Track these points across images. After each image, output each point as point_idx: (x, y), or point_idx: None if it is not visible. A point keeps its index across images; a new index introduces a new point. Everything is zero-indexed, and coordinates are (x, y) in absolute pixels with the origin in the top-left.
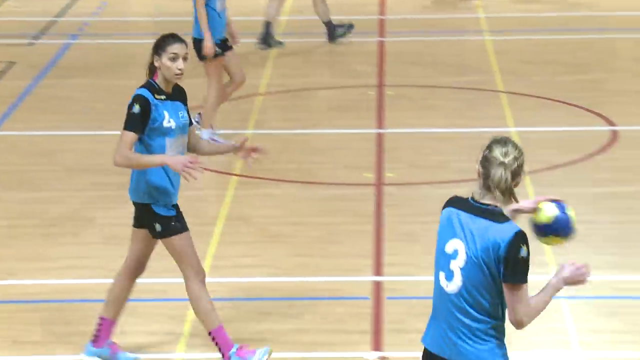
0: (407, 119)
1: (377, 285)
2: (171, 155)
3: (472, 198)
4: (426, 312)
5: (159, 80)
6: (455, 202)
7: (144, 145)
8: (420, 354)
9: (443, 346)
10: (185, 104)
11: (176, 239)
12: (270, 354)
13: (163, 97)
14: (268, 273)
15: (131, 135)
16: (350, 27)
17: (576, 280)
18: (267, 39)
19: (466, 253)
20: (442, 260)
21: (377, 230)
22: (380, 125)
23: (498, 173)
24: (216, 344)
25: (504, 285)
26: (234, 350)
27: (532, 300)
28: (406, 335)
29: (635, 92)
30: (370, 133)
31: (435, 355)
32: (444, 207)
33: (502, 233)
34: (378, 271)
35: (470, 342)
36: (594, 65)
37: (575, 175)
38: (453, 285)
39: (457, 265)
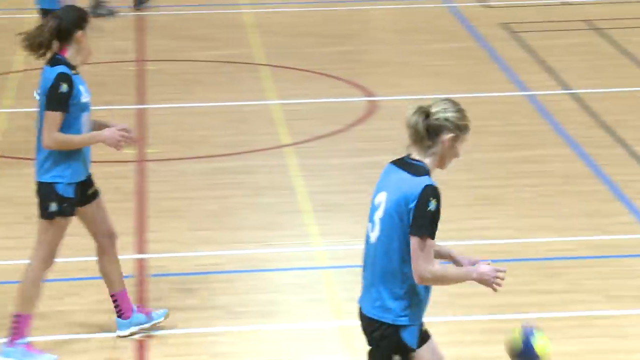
0: (168, 94)
1: (140, 263)
2: (90, 132)
3: (407, 154)
4: (191, 289)
5: (69, 55)
6: (395, 160)
7: (64, 123)
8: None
9: (363, 296)
10: None
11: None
12: None
13: (75, 72)
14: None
15: (60, 116)
16: (111, 12)
17: (486, 282)
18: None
19: (385, 204)
20: (371, 212)
21: (139, 207)
22: (141, 101)
23: (413, 118)
24: (15, 327)
25: (410, 237)
26: (23, 341)
27: (441, 266)
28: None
29: (394, 63)
30: (131, 109)
31: (359, 305)
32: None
33: (414, 186)
34: (141, 249)
35: (384, 290)
36: (353, 37)
37: (337, 146)
38: (374, 236)
39: (378, 216)
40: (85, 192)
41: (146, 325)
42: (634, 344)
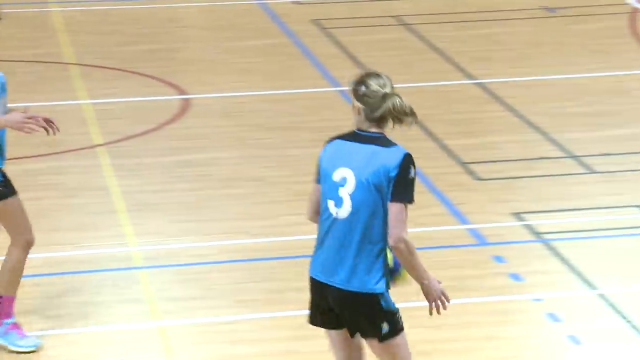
0: None
1: None
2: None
3: (358, 129)
4: None
5: None
6: (339, 136)
7: None
8: None
9: (334, 272)
10: None
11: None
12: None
13: None
14: None
15: None
16: None
17: (431, 297)
18: None
19: (355, 179)
20: (330, 189)
21: None
22: None
23: (391, 103)
24: None
25: (389, 204)
26: (9, 321)
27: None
28: None
29: (206, 61)
30: None
31: (324, 283)
32: (327, 143)
33: (391, 156)
34: None
35: (360, 262)
36: (164, 35)
37: (150, 145)
38: (343, 211)
39: (346, 191)
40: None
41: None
42: (449, 333)
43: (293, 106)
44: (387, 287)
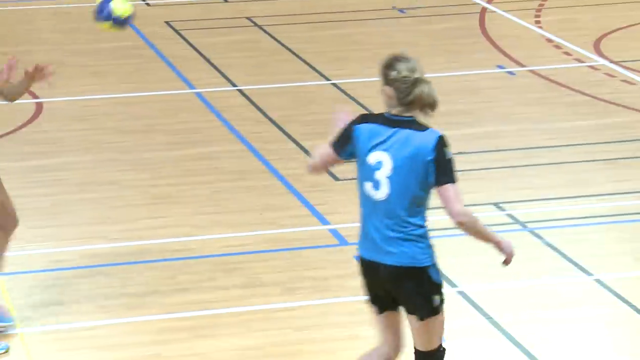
0: None
1: None
2: None
3: (389, 113)
4: None
5: None
6: (369, 118)
7: None
8: None
9: (377, 251)
10: None
11: None
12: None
13: None
14: None
15: None
16: None
17: (509, 252)
18: None
19: (392, 162)
20: (366, 172)
21: None
22: None
23: (419, 89)
24: None
25: (437, 188)
26: None
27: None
28: None
29: (58, 64)
30: None
31: (371, 262)
32: (355, 124)
33: (425, 139)
34: None
35: (403, 243)
36: (13, 38)
37: (4, 150)
38: (381, 193)
39: (383, 174)
40: None
41: None
42: (314, 334)
43: (148, 109)
44: (434, 259)
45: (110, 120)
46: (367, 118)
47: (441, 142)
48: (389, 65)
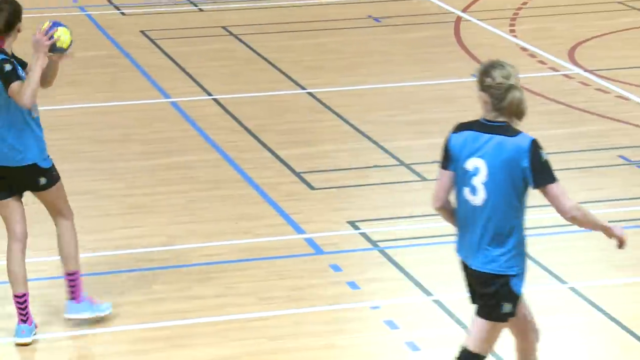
0: None
1: None
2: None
3: (484, 119)
4: None
5: (7, 45)
6: (466, 126)
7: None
8: None
9: (473, 255)
10: None
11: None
12: None
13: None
14: None
15: (18, 82)
16: None
17: (621, 237)
18: None
19: (487, 168)
20: (464, 178)
21: None
22: None
23: (511, 96)
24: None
25: (542, 190)
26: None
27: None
28: None
29: None
30: None
31: (465, 263)
32: (454, 132)
33: (518, 145)
34: None
35: (495, 246)
36: None
37: None
38: (478, 199)
39: (479, 180)
40: None
41: None
42: (289, 343)
43: (124, 118)
44: (521, 270)
45: (86, 129)
46: (463, 126)
47: (534, 146)
48: (485, 71)
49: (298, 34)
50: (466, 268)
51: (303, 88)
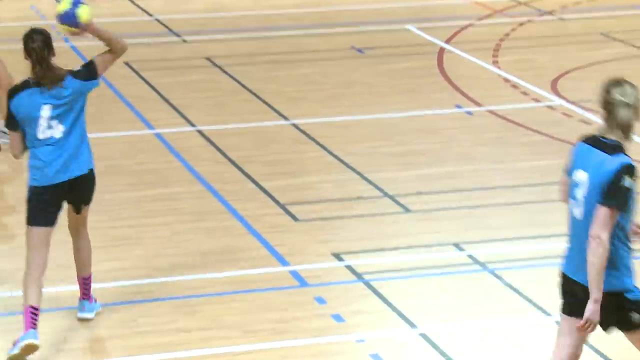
0: None
1: None
2: None
3: (599, 135)
4: None
5: None
6: (586, 138)
7: None
8: None
9: (579, 271)
10: None
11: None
12: None
13: None
14: None
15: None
16: None
17: (590, 319)
18: None
19: (588, 182)
20: (572, 189)
21: None
22: None
23: (622, 113)
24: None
25: (598, 206)
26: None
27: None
28: None
29: None
30: None
31: (574, 280)
32: (579, 141)
33: (611, 164)
34: None
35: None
36: None
37: None
38: (579, 212)
39: (581, 193)
40: None
41: None
42: None
43: (108, 150)
44: (631, 281)
45: None
46: (585, 138)
47: (623, 169)
48: (606, 89)
49: (282, 65)
50: (571, 283)
51: (287, 119)
